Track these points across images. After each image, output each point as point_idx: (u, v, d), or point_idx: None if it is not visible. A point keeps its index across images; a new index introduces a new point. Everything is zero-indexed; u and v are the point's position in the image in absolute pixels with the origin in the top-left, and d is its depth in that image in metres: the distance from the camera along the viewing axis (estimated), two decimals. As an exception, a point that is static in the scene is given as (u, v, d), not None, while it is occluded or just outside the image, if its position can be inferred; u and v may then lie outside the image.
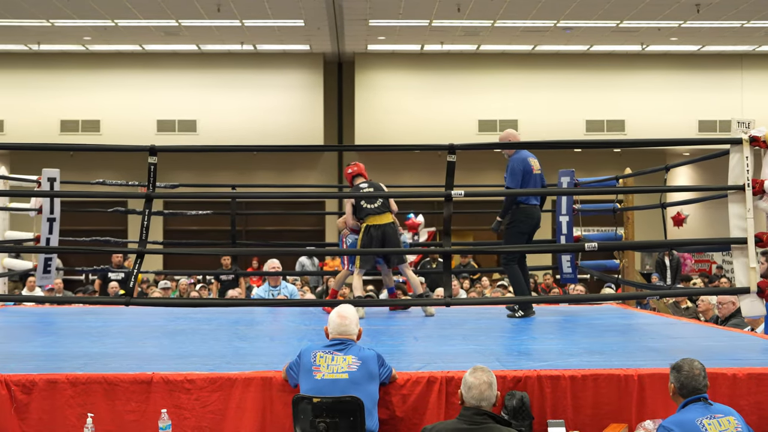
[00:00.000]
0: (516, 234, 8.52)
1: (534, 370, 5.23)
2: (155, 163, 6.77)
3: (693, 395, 4.60)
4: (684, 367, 4.67)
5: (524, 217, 8.47)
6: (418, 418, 5.09)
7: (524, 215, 8.47)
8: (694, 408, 4.57)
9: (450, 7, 17.32)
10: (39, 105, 21.16)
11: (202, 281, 15.76)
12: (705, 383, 4.64)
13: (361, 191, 8.92)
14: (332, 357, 4.98)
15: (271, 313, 9.17)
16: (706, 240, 13.02)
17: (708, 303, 10.61)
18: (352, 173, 9.16)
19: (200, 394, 5.11)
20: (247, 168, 21.64)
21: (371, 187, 8.96)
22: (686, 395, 4.62)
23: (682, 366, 4.68)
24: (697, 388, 4.61)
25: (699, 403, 4.59)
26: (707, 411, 4.54)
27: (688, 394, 4.62)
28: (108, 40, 20.28)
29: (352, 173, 9.16)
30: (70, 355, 6.21)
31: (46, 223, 9.89)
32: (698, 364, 4.68)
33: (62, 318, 9.00)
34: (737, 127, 6.57)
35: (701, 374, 4.64)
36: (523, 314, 8.49)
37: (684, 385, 4.63)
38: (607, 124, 21.57)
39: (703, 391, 4.63)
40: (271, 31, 19.45)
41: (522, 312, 8.49)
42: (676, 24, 18.80)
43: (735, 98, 21.53)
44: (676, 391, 4.67)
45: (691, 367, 4.66)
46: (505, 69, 21.84)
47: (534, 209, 8.52)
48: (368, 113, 21.47)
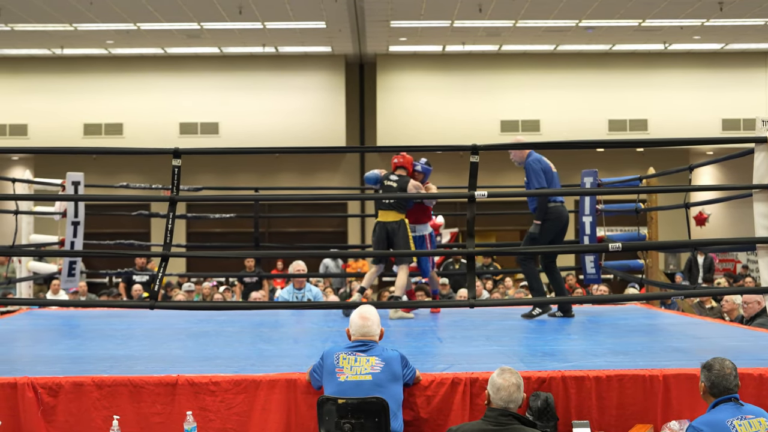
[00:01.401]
0: (544, 232, 8.47)
1: (558, 370, 5.22)
2: (179, 166, 6.79)
3: (724, 395, 4.57)
4: (715, 366, 4.63)
5: (554, 217, 8.44)
6: (443, 419, 5.10)
7: (554, 215, 8.44)
8: (725, 408, 4.53)
9: (471, 7, 17.30)
10: (62, 109, 21.26)
11: (226, 283, 15.80)
12: (736, 383, 4.60)
13: (384, 184, 9.01)
14: (355, 358, 4.99)
15: (295, 315, 9.19)
16: (731, 240, 12.94)
17: (733, 303, 10.56)
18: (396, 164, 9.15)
19: (225, 396, 5.13)
20: (270, 170, 21.69)
21: (395, 182, 8.95)
22: (717, 395, 4.59)
23: (713, 365, 4.64)
24: (728, 387, 4.58)
25: (730, 404, 4.54)
26: (738, 411, 4.49)
27: (718, 394, 4.58)
28: (130, 44, 20.38)
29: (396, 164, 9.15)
30: (96, 357, 6.24)
31: (71, 227, 9.96)
32: (729, 363, 4.64)
33: (87, 321, 9.04)
34: (762, 125, 6.53)
35: (732, 373, 4.60)
36: (541, 312, 8.48)
37: (715, 385, 4.59)
38: (630, 123, 21.49)
39: (734, 391, 4.58)
40: (293, 33, 19.49)
41: (540, 310, 8.49)
42: (698, 22, 18.70)
43: (760, 96, 21.40)
44: (707, 391, 4.63)
45: (722, 366, 4.62)
46: (527, 69, 21.79)
47: (563, 208, 8.50)
48: (390, 114, 21.47)
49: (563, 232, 8.61)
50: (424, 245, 9.22)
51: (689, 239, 9.51)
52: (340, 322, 8.14)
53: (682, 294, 9.93)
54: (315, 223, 21.92)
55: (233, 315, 9.01)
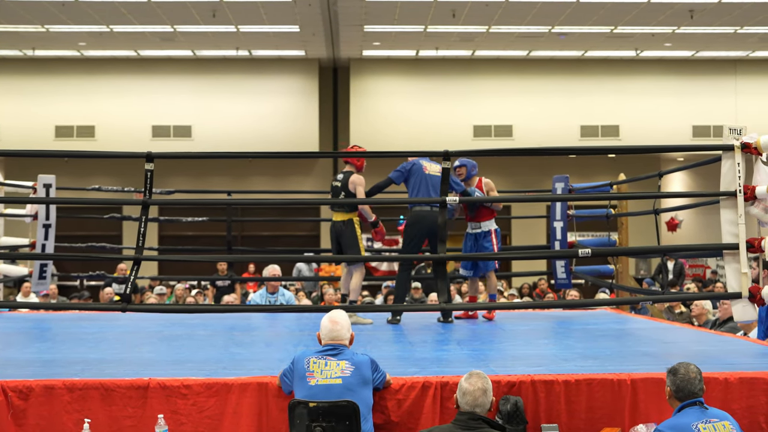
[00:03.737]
0: (406, 239, 8.49)
1: (528, 374, 5.26)
2: (152, 170, 6.79)
3: (689, 399, 4.63)
4: (680, 370, 4.68)
5: (413, 222, 8.41)
6: (414, 422, 5.12)
7: (413, 219, 8.41)
8: (690, 412, 4.58)
9: (445, 13, 17.37)
10: (34, 110, 21.15)
11: (198, 287, 15.78)
12: (701, 387, 4.66)
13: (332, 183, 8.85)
14: (325, 362, 5.00)
15: (268, 319, 9.19)
16: (699, 246, 13.04)
17: (701, 308, 10.64)
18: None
19: (197, 399, 5.13)
20: (243, 173, 21.66)
21: (339, 180, 8.72)
22: (682, 399, 4.64)
23: (678, 369, 4.69)
24: (693, 391, 4.63)
25: (695, 407, 4.60)
26: (703, 415, 4.55)
27: (684, 398, 4.64)
28: (103, 46, 20.31)
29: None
30: (67, 360, 6.22)
31: (42, 229, 9.92)
32: (694, 368, 4.70)
33: (58, 324, 9.01)
34: (729, 133, 6.61)
35: (697, 378, 4.66)
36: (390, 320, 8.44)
37: (680, 389, 4.64)
38: (602, 129, 21.62)
39: (699, 395, 4.64)
40: (267, 37, 19.49)
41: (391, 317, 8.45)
42: (670, 30, 18.86)
43: (729, 103, 21.60)
44: (672, 395, 4.69)
45: (687, 370, 4.67)
46: (500, 74, 21.89)
47: (425, 213, 8.31)
48: (363, 119, 21.50)
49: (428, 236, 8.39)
50: (489, 242, 8.87)
51: (658, 245, 9.61)
52: (312, 326, 8.15)
53: (652, 299, 10.02)
54: (288, 226, 21.92)
55: (205, 318, 8.99)
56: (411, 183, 8.46)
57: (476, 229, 8.89)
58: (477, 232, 8.89)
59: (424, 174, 8.40)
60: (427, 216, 8.27)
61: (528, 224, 19.68)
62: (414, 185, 8.44)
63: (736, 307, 6.54)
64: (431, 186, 8.38)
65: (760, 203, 6.44)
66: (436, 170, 8.37)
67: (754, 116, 20.06)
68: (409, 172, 8.43)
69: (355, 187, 8.52)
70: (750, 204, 6.47)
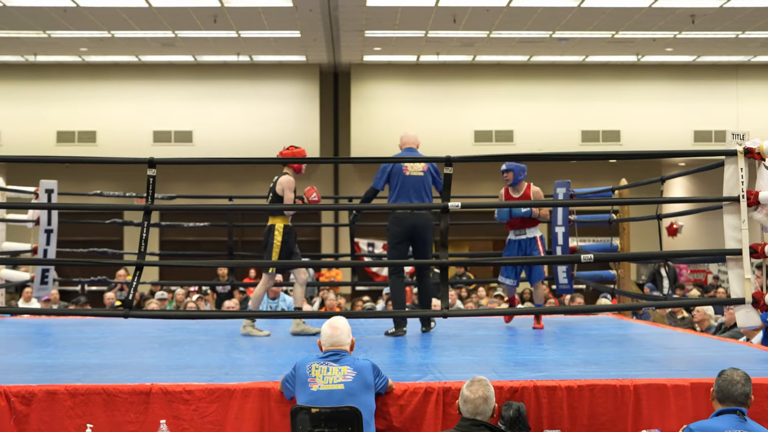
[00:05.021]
0: (390, 243, 8.23)
1: (531, 380, 5.26)
2: (154, 176, 6.79)
3: (728, 402, 4.57)
4: (726, 372, 4.66)
5: (393, 224, 8.16)
6: (416, 428, 5.12)
7: (393, 222, 8.16)
8: (726, 419, 4.51)
9: (446, 18, 17.37)
10: (35, 116, 21.15)
11: (199, 292, 15.76)
12: (743, 392, 4.57)
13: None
14: (327, 368, 5.00)
15: (268, 324, 9.18)
16: (701, 251, 13.04)
17: (704, 313, 10.65)
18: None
19: (199, 404, 5.13)
20: (244, 179, 21.65)
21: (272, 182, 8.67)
22: (722, 401, 4.59)
23: (725, 371, 4.68)
24: (733, 395, 4.56)
25: (733, 416, 4.52)
26: (739, 425, 4.46)
27: (723, 400, 4.59)
28: (104, 52, 20.31)
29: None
30: (69, 366, 6.22)
31: (44, 235, 9.94)
32: (741, 373, 4.65)
33: (60, 329, 9.01)
34: (732, 138, 6.60)
35: (740, 382, 4.59)
36: (394, 332, 7.99)
37: (721, 389, 4.61)
38: (603, 134, 21.62)
39: (740, 401, 4.56)
40: (267, 43, 19.49)
41: (394, 329, 8.02)
42: (671, 35, 18.86)
43: (730, 108, 21.59)
44: (714, 396, 4.66)
45: (732, 373, 4.64)
46: (500, 80, 21.89)
47: (406, 215, 8.08)
48: (364, 124, 21.50)
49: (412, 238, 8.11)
50: (536, 249, 8.63)
51: (661, 250, 9.60)
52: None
53: (654, 305, 10.01)
54: (289, 231, 21.86)
55: (206, 324, 9.00)
56: (391, 184, 8.19)
57: (521, 236, 8.67)
58: (522, 238, 8.66)
59: (404, 175, 8.15)
60: (408, 217, 8.07)
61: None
62: (393, 186, 8.17)
63: (739, 312, 6.53)
64: (412, 187, 8.14)
65: (763, 208, 6.44)
66: (418, 170, 8.18)
67: (755, 121, 20.05)
68: (389, 174, 8.19)
69: (283, 189, 8.43)
70: (753, 209, 6.47)
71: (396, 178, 8.13)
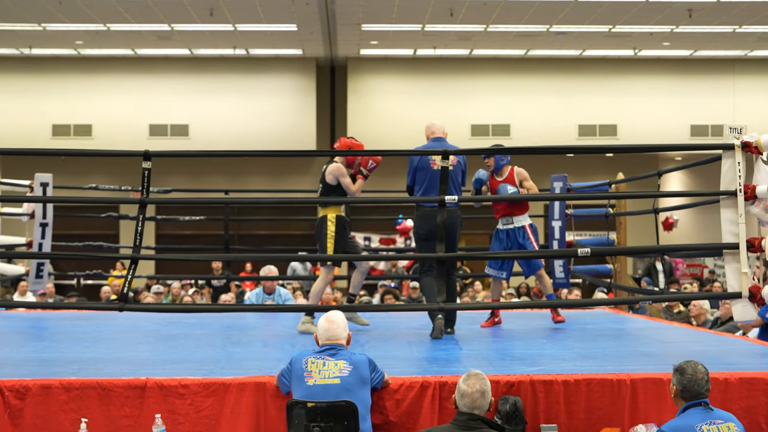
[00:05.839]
0: (417, 242, 7.81)
1: (527, 374, 5.25)
2: (149, 169, 6.76)
3: (694, 399, 4.60)
4: (688, 370, 4.65)
5: (420, 222, 7.68)
6: (412, 422, 5.10)
7: (420, 220, 7.68)
8: (694, 413, 4.56)
9: (443, 11, 17.34)
10: (31, 109, 21.11)
11: (195, 286, 15.75)
12: (707, 387, 4.63)
13: None
14: (323, 362, 4.99)
15: (265, 318, 9.18)
16: (698, 245, 13.03)
17: (700, 307, 10.65)
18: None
19: (194, 399, 5.11)
20: (240, 172, 21.63)
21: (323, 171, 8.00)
22: (688, 399, 4.61)
23: (686, 369, 4.66)
24: (699, 392, 4.60)
25: (699, 408, 4.58)
26: (707, 416, 4.52)
27: (689, 398, 4.60)
28: (100, 45, 20.27)
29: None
30: (64, 360, 6.21)
31: (39, 228, 9.90)
32: (702, 368, 4.67)
33: (55, 323, 8.99)
34: (729, 132, 6.59)
35: (704, 378, 4.63)
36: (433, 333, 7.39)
37: (686, 389, 4.61)
38: (600, 128, 21.61)
39: (705, 396, 4.62)
40: (264, 36, 19.46)
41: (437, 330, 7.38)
42: (668, 29, 18.84)
43: (727, 103, 21.59)
44: (678, 394, 4.65)
45: (695, 370, 4.64)
46: (497, 73, 21.87)
47: (430, 212, 7.47)
48: (361, 118, 21.47)
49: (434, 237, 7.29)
50: (526, 239, 8.17)
51: (658, 244, 9.59)
52: (309, 326, 8.12)
53: (650, 299, 10.00)
54: (285, 225, 21.88)
55: (202, 318, 8.98)
56: (418, 179, 7.70)
57: (508, 225, 8.24)
58: (509, 228, 8.24)
59: (432, 170, 7.60)
60: (434, 214, 7.30)
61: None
62: (420, 181, 7.69)
63: (736, 307, 6.51)
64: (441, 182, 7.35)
65: (760, 203, 6.43)
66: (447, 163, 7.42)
67: (752, 115, 20.03)
68: (415, 169, 7.71)
69: (334, 177, 7.83)
70: (750, 203, 6.45)
71: (423, 172, 7.65)
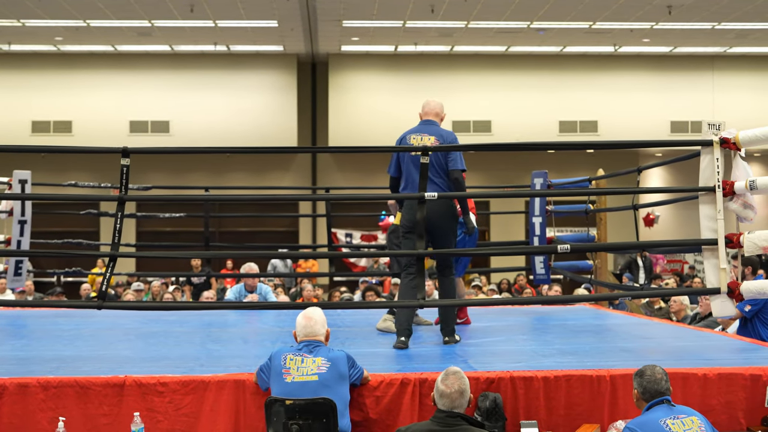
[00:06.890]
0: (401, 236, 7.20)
1: (507, 371, 5.25)
2: (128, 165, 6.72)
3: (656, 398, 4.64)
4: (646, 372, 4.73)
5: (405, 214, 7.05)
6: (392, 419, 5.10)
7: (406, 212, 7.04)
8: (658, 409, 4.62)
9: (424, 8, 17.34)
10: (10, 105, 21.01)
11: (176, 283, 15.70)
12: (667, 387, 4.70)
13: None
14: (302, 359, 4.98)
15: (245, 315, 9.15)
16: (677, 241, 13.07)
17: (680, 303, 10.68)
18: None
19: (173, 397, 5.09)
20: (221, 169, 21.58)
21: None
22: (649, 399, 4.67)
23: (645, 371, 4.74)
24: (660, 390, 4.66)
25: (662, 405, 4.63)
26: (670, 412, 4.58)
27: (650, 398, 4.67)
28: (80, 41, 20.18)
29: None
30: (42, 358, 6.17)
31: (17, 226, 9.82)
32: (660, 369, 4.74)
33: (33, 321, 8.93)
34: (708, 129, 6.60)
35: (663, 378, 4.70)
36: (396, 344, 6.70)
37: (646, 390, 4.67)
38: (580, 124, 21.67)
39: (666, 394, 4.68)
40: (245, 32, 19.41)
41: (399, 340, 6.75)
42: (648, 25, 18.91)
43: (706, 99, 21.70)
44: (640, 397, 4.72)
45: (653, 372, 4.71)
46: (479, 70, 21.89)
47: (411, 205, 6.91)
48: (342, 114, 21.46)
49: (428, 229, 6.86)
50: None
51: (638, 241, 9.61)
52: (290, 323, 8.09)
53: (631, 295, 10.02)
54: (266, 222, 21.83)
55: (182, 315, 8.94)
56: (402, 170, 7.14)
57: None
58: None
59: (411, 157, 7.10)
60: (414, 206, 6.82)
61: (506, 220, 19.71)
62: (404, 172, 7.13)
63: (715, 302, 6.53)
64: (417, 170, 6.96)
65: (738, 199, 6.45)
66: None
67: (731, 112, 20.15)
68: (398, 158, 7.18)
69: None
70: (729, 199, 6.47)
71: (405, 161, 7.11)
